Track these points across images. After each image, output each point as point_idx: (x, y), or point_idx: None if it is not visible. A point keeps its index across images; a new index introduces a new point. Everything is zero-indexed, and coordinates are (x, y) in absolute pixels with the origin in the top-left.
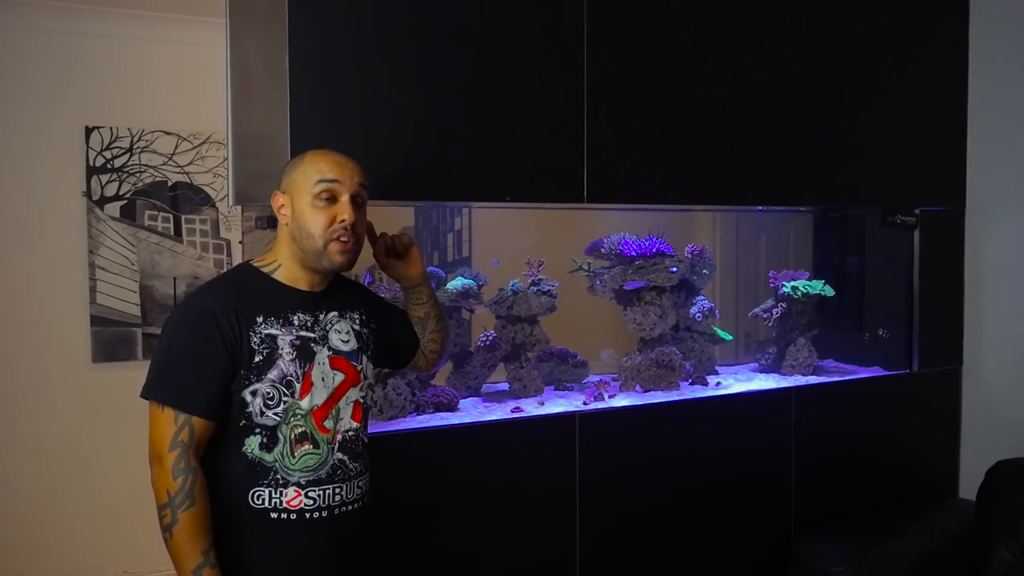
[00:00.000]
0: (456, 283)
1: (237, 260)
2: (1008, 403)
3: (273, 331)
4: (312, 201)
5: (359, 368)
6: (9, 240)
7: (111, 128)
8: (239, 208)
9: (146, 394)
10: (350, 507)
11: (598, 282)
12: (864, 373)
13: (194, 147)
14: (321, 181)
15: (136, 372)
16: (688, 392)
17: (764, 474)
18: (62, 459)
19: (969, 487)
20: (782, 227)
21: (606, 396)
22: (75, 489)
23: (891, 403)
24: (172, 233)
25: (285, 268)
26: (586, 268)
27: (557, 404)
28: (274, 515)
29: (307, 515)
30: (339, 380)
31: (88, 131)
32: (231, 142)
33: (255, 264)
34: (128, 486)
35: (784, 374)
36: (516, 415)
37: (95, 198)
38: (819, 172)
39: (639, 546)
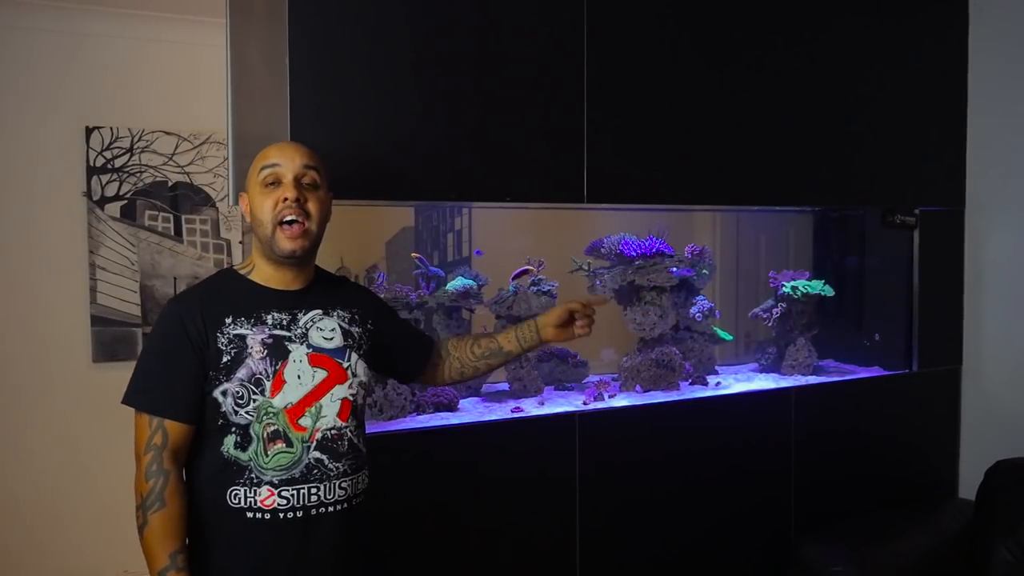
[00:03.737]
0: (456, 283)
1: (237, 260)
2: (1008, 403)
3: (242, 331)
4: (260, 189)
5: (346, 365)
6: (9, 240)
7: (111, 128)
8: (239, 208)
9: (124, 399)
10: (330, 508)
11: (598, 282)
12: (864, 373)
13: (194, 147)
14: (264, 168)
15: None
16: (688, 392)
17: (764, 474)
18: (62, 459)
19: (969, 487)
20: (782, 227)
21: (606, 396)
22: (75, 489)
23: (891, 403)
24: (172, 233)
25: (258, 268)
26: (586, 268)
27: (557, 404)
28: (249, 515)
29: (280, 515)
30: (320, 378)
31: (88, 131)
32: (231, 142)
33: (235, 268)
34: (128, 486)
35: (784, 374)
36: (516, 415)
37: (95, 198)
38: (819, 172)
39: (639, 546)
